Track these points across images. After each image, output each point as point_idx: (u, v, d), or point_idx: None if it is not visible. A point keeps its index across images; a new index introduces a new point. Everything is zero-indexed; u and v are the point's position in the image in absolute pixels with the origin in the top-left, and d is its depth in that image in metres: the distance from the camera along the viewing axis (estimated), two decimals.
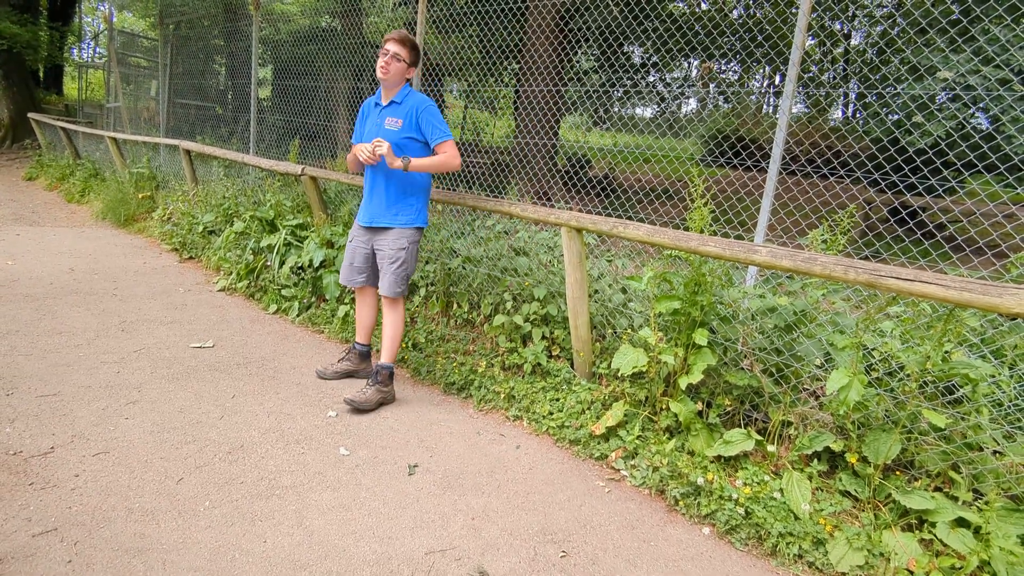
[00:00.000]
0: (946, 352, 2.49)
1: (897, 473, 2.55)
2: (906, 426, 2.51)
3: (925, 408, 2.42)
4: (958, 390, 2.57)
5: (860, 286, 2.39)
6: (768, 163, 3.35)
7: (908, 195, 3.47)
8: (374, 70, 3.31)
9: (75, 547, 2.02)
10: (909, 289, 2.17)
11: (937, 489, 2.46)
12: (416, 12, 5.19)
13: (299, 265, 4.76)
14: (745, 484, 2.59)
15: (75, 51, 24.47)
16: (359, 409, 3.22)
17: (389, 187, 3.28)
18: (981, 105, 4.79)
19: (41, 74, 21.09)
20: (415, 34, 5.25)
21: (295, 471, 2.61)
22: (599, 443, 3.00)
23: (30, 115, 12.91)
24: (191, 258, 6.13)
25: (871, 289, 2.46)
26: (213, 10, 10.17)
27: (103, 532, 2.11)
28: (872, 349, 2.79)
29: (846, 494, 2.55)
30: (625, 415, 3.04)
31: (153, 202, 7.79)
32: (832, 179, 3.67)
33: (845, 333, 2.73)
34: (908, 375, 2.56)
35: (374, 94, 3.42)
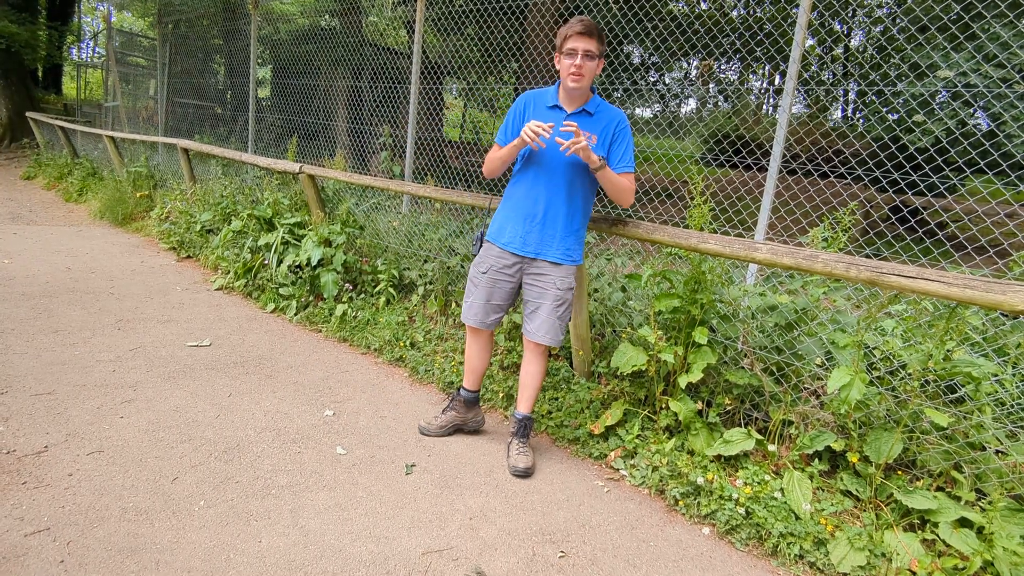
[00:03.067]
0: (948, 350, 2.47)
1: (899, 473, 2.52)
2: (908, 425, 2.49)
3: (927, 407, 2.40)
4: (960, 389, 2.55)
5: (862, 284, 2.37)
6: (768, 162, 3.33)
7: (909, 193, 3.45)
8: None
9: (68, 547, 1.99)
10: (911, 286, 2.15)
11: (939, 489, 2.44)
12: (415, 11, 5.17)
13: (297, 264, 4.73)
14: (745, 484, 2.57)
15: (74, 51, 24.44)
16: (525, 475, 2.73)
17: (571, 211, 2.68)
18: (982, 103, 4.78)
19: (40, 73, 21.06)
20: (413, 33, 5.23)
21: (291, 470, 2.59)
22: (598, 442, 2.98)
23: (28, 114, 12.89)
24: (189, 257, 6.10)
25: (873, 287, 2.44)
26: (212, 9, 10.14)
27: (96, 532, 2.08)
28: (873, 348, 2.77)
29: (847, 494, 2.53)
30: (624, 414, 3.02)
31: (151, 201, 7.76)
32: (832, 178, 3.65)
33: (846, 331, 2.71)
34: (910, 374, 2.54)
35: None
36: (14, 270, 5.06)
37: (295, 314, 4.55)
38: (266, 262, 4.98)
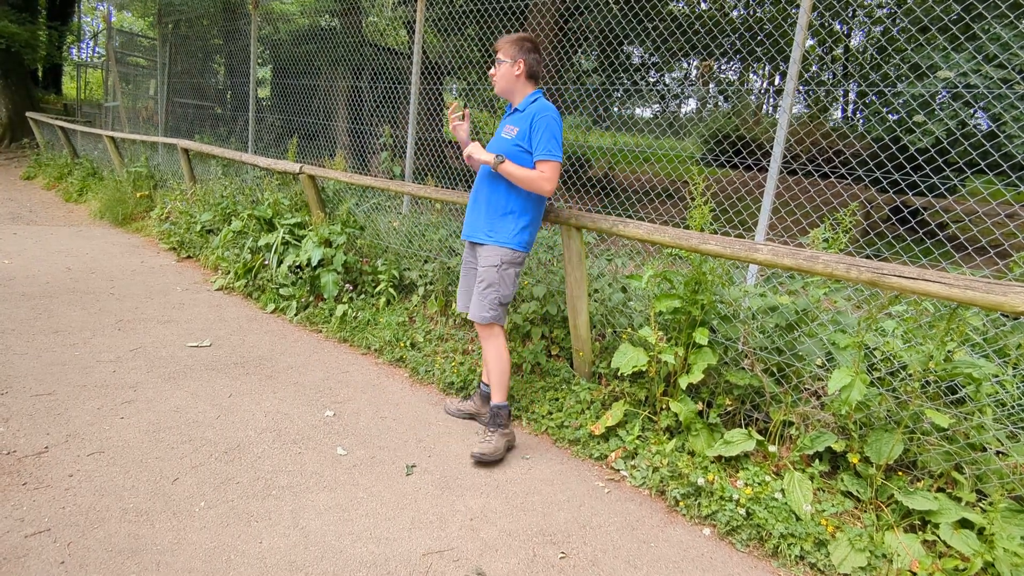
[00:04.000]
0: (949, 351, 2.47)
1: (899, 473, 2.52)
2: (908, 426, 2.49)
3: (928, 408, 2.40)
4: (961, 390, 2.55)
5: (863, 285, 2.37)
6: (768, 162, 3.33)
7: (910, 194, 3.44)
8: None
9: (68, 548, 1.99)
10: (912, 287, 2.14)
11: (940, 490, 2.44)
12: (415, 12, 5.17)
13: (297, 264, 4.73)
14: (746, 484, 2.57)
15: (74, 51, 24.44)
16: (489, 463, 2.82)
17: (492, 197, 2.95)
18: (983, 104, 4.78)
19: (40, 73, 21.06)
20: (413, 33, 5.23)
21: (292, 471, 2.59)
22: (599, 443, 2.98)
23: (28, 114, 12.88)
24: (189, 257, 6.10)
25: (873, 288, 2.44)
26: (212, 9, 10.14)
27: (97, 533, 2.08)
28: (874, 348, 2.76)
29: (848, 495, 2.53)
30: (625, 415, 3.02)
31: (151, 201, 7.76)
32: (833, 178, 3.65)
33: (847, 332, 2.71)
34: (910, 374, 2.54)
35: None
36: (14, 270, 5.06)
37: (295, 314, 4.55)
38: (266, 262, 4.97)
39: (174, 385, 3.28)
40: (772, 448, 2.70)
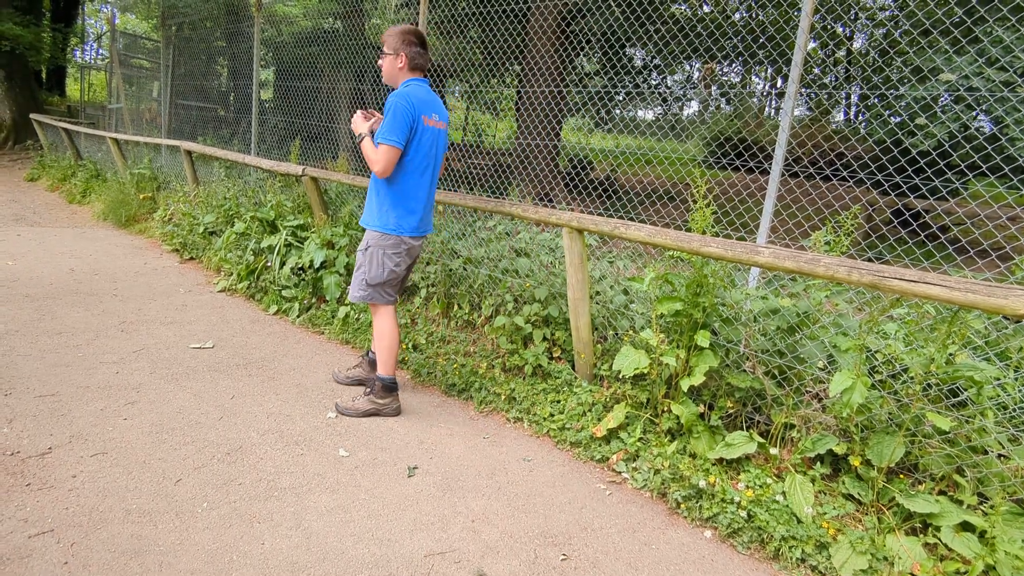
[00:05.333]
0: (950, 354, 2.47)
1: (901, 476, 2.52)
2: (910, 429, 2.49)
3: (929, 411, 2.40)
4: (963, 393, 2.55)
5: (863, 287, 2.38)
6: (770, 165, 3.34)
7: (911, 197, 3.45)
8: (377, 73, 3.30)
9: (72, 548, 2.00)
10: (913, 290, 2.15)
11: (941, 493, 2.44)
12: (418, 14, 5.19)
13: (300, 266, 4.75)
14: (747, 487, 2.57)
15: (78, 52, 24.53)
16: (345, 415, 3.16)
17: (370, 186, 3.17)
18: (984, 107, 4.78)
19: (44, 75, 21.14)
20: None
21: (294, 472, 2.60)
22: (600, 445, 2.98)
23: (32, 116, 12.93)
24: (192, 259, 6.12)
25: (875, 290, 2.44)
26: (215, 12, 10.18)
27: (100, 533, 2.09)
28: (875, 351, 2.77)
29: (849, 497, 2.53)
30: (626, 417, 3.02)
31: (154, 203, 7.79)
32: (835, 181, 3.65)
33: (848, 335, 2.71)
34: (912, 377, 2.54)
35: (381, 99, 3.39)
36: (18, 271, 5.08)
37: (298, 316, 4.56)
38: (269, 264, 4.99)
39: (177, 386, 3.29)
40: (773, 451, 2.71)
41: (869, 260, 2.85)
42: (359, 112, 3.13)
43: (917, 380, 2.44)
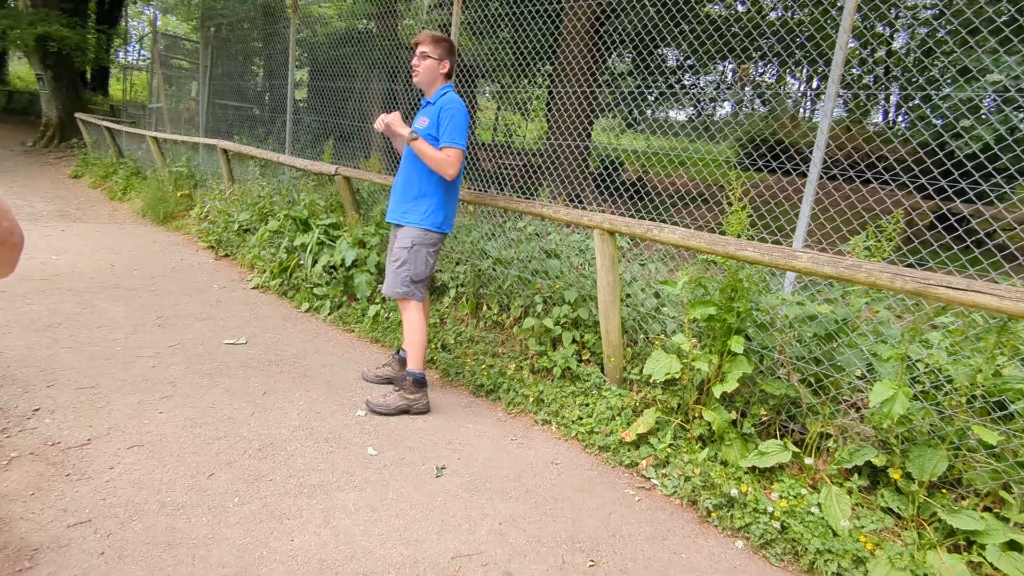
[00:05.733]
0: (998, 366, 2.37)
1: (943, 491, 2.43)
2: (953, 442, 2.40)
3: (974, 424, 2.31)
4: (1010, 405, 2.45)
5: (907, 295, 2.30)
6: (807, 167, 3.25)
7: (957, 201, 3.33)
8: (410, 73, 3.34)
9: (108, 539, 2.05)
10: (960, 299, 2.07)
11: (987, 509, 2.34)
12: (450, 15, 5.20)
13: (331, 264, 4.80)
14: (781, 497, 2.51)
15: (120, 53, 25.27)
16: (376, 412, 3.19)
17: (407, 181, 3.26)
18: None
19: (88, 75, 21.81)
20: (449, 35, 5.26)
21: (323, 470, 2.62)
22: (629, 450, 2.94)
23: (77, 115, 13.34)
24: (226, 256, 6.23)
25: (918, 298, 2.36)
26: (252, 13, 10.37)
27: (135, 525, 2.13)
28: (917, 360, 2.67)
29: (888, 511, 2.45)
30: (656, 422, 2.98)
31: (191, 200, 7.96)
32: (875, 184, 3.54)
33: (889, 343, 2.62)
34: (956, 389, 2.44)
35: (415, 99, 3.44)
36: (61, 266, 5.23)
37: (329, 314, 4.61)
38: (301, 262, 5.05)
39: (211, 381, 3.35)
40: (808, 460, 2.64)
41: (911, 266, 2.76)
42: (396, 114, 3.17)
43: (962, 392, 2.35)
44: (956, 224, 3.27)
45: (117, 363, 3.43)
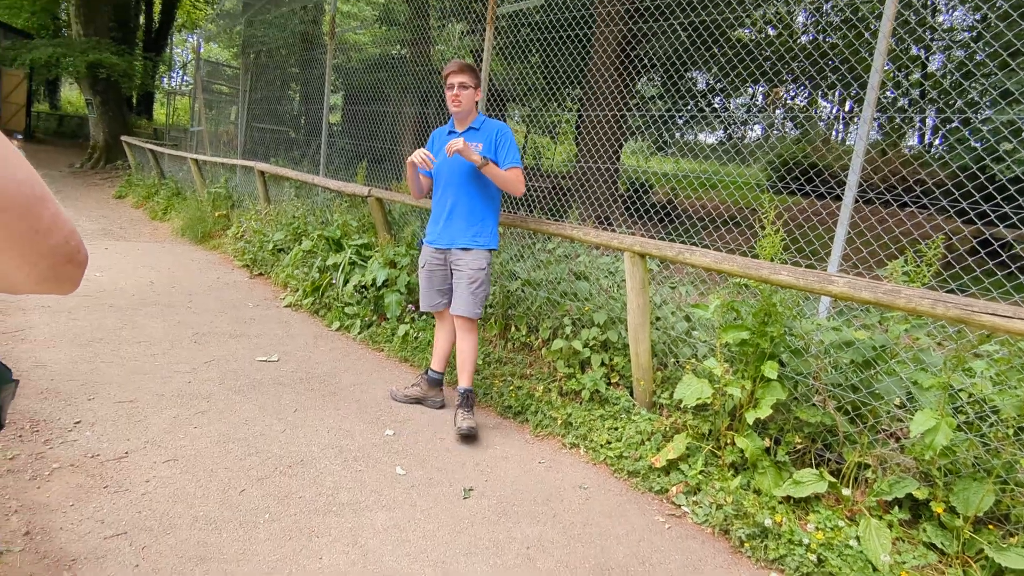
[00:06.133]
0: None
1: (990, 527, 2.33)
2: (1000, 475, 2.31)
3: (1023, 457, 2.22)
4: None
5: (948, 322, 2.23)
6: (842, 191, 3.21)
7: (1000, 226, 3.24)
8: (442, 98, 3.42)
9: (143, 552, 2.08)
10: (1007, 327, 2.00)
11: None
12: (482, 40, 5.30)
13: (362, 284, 4.86)
14: (817, 529, 2.43)
15: (165, 79, 26.28)
16: (467, 437, 3.19)
17: (471, 206, 3.32)
18: None
19: (134, 100, 22.73)
20: (481, 62, 5.36)
21: (352, 488, 2.63)
22: (659, 476, 2.89)
23: (123, 138, 13.88)
24: (261, 274, 6.37)
25: (960, 325, 2.29)
26: (291, 40, 10.72)
27: (169, 539, 2.16)
28: (960, 390, 2.59)
29: (931, 546, 2.35)
30: (687, 448, 2.92)
31: (228, 220, 8.18)
32: (914, 208, 3.47)
33: (930, 371, 2.55)
34: (1003, 420, 2.36)
35: (445, 123, 3.51)
36: (104, 283, 5.41)
37: (359, 333, 4.66)
38: (333, 281, 5.14)
39: (243, 397, 3.41)
40: (846, 491, 2.56)
41: (951, 292, 2.69)
42: (463, 139, 3.14)
43: (1009, 423, 2.26)
44: (999, 249, 3.18)
45: (155, 378, 3.51)
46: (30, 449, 2.62)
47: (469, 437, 3.19)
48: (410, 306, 4.72)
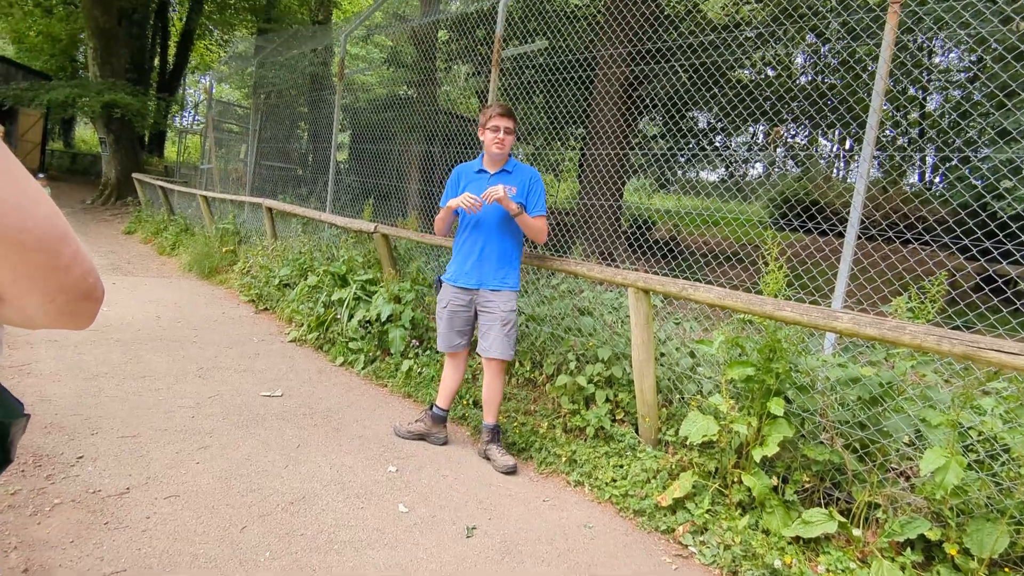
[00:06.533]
0: None
1: (1006, 569, 2.28)
2: (1015, 516, 2.26)
3: None
4: None
5: (954, 358, 2.23)
6: (844, 228, 3.24)
7: (1004, 263, 3.25)
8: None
9: None
10: (1014, 363, 2.00)
11: None
12: (488, 81, 5.44)
13: (367, 319, 4.88)
14: (828, 570, 2.38)
15: (177, 119, 26.89)
16: (507, 473, 3.25)
17: (502, 249, 3.36)
18: None
19: (146, 138, 23.22)
20: (486, 101, 5.48)
21: (354, 526, 2.59)
22: (665, 515, 2.84)
23: (134, 175, 14.13)
24: (266, 309, 6.40)
25: (967, 362, 2.28)
26: (300, 81, 11.00)
27: None
28: (969, 427, 2.56)
29: None
30: (693, 486, 2.88)
31: (235, 256, 8.26)
32: (916, 245, 3.50)
33: (938, 409, 2.52)
34: (1014, 459, 2.33)
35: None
36: (111, 317, 5.44)
37: (363, 368, 4.66)
38: (338, 316, 5.16)
39: (246, 433, 3.39)
40: (857, 532, 2.51)
41: (956, 328, 2.68)
42: (501, 185, 3.21)
43: (1021, 462, 2.23)
44: (1003, 286, 3.19)
45: (158, 413, 3.50)
46: (32, 484, 2.60)
47: (513, 472, 3.24)
48: (414, 341, 4.72)
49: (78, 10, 17.52)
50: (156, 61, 23.59)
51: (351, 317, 4.99)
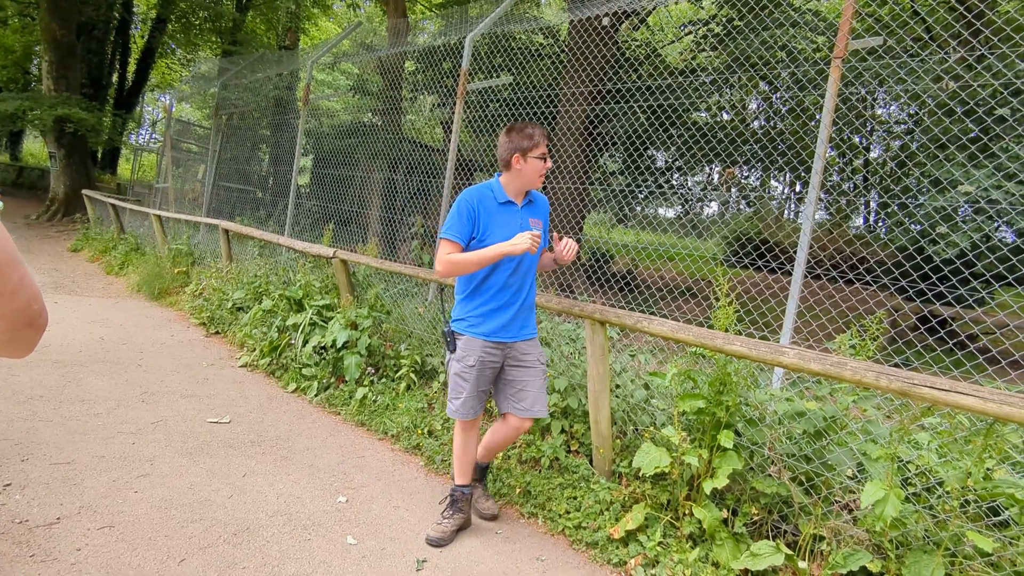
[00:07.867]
0: (988, 469, 2.37)
1: None
2: (949, 548, 2.35)
3: (969, 529, 2.27)
4: (1004, 512, 2.42)
5: (892, 394, 2.32)
6: (792, 266, 3.38)
7: (937, 304, 3.43)
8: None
9: None
10: (945, 399, 2.10)
11: None
12: (452, 112, 5.52)
13: (322, 345, 4.80)
14: None
15: (133, 136, 26.25)
16: (498, 517, 3.11)
17: (530, 295, 2.95)
18: (1006, 219, 4.84)
19: (99, 155, 22.55)
20: (451, 132, 5.56)
21: (300, 559, 2.51)
22: (617, 547, 2.85)
23: (84, 192, 13.67)
24: (217, 333, 6.22)
25: (904, 397, 2.38)
26: (264, 104, 10.93)
27: None
28: (908, 461, 2.66)
29: None
30: (646, 519, 2.90)
31: (187, 277, 8.03)
32: (858, 284, 3.67)
33: (878, 443, 2.62)
34: (948, 492, 2.42)
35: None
36: (50, 338, 5.20)
37: (316, 395, 4.56)
38: (292, 342, 5.05)
39: (190, 461, 3.26)
40: (802, 564, 2.56)
41: (896, 366, 2.81)
42: (540, 222, 2.93)
43: (954, 495, 2.33)
44: (938, 326, 3.36)
45: (96, 439, 3.34)
46: None
47: (495, 519, 3.12)
48: (370, 369, 4.66)
49: (35, 23, 17.08)
50: (115, 77, 23.08)
51: (306, 343, 4.90)
